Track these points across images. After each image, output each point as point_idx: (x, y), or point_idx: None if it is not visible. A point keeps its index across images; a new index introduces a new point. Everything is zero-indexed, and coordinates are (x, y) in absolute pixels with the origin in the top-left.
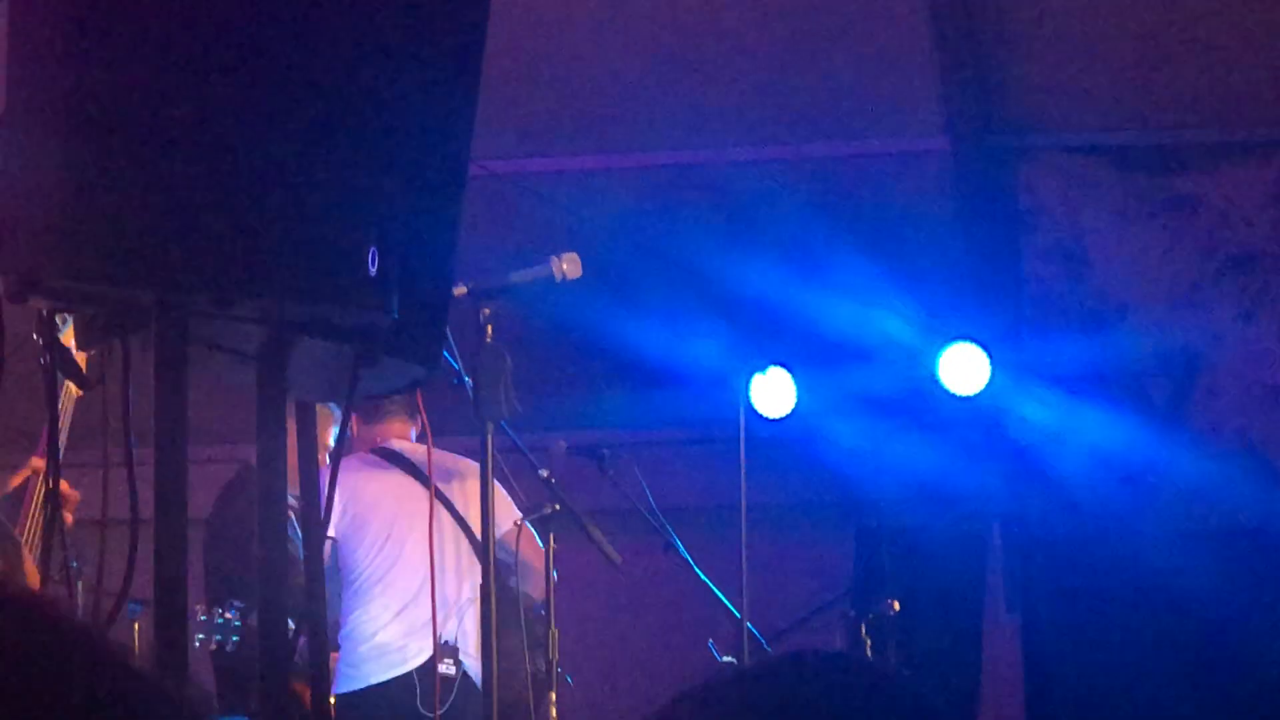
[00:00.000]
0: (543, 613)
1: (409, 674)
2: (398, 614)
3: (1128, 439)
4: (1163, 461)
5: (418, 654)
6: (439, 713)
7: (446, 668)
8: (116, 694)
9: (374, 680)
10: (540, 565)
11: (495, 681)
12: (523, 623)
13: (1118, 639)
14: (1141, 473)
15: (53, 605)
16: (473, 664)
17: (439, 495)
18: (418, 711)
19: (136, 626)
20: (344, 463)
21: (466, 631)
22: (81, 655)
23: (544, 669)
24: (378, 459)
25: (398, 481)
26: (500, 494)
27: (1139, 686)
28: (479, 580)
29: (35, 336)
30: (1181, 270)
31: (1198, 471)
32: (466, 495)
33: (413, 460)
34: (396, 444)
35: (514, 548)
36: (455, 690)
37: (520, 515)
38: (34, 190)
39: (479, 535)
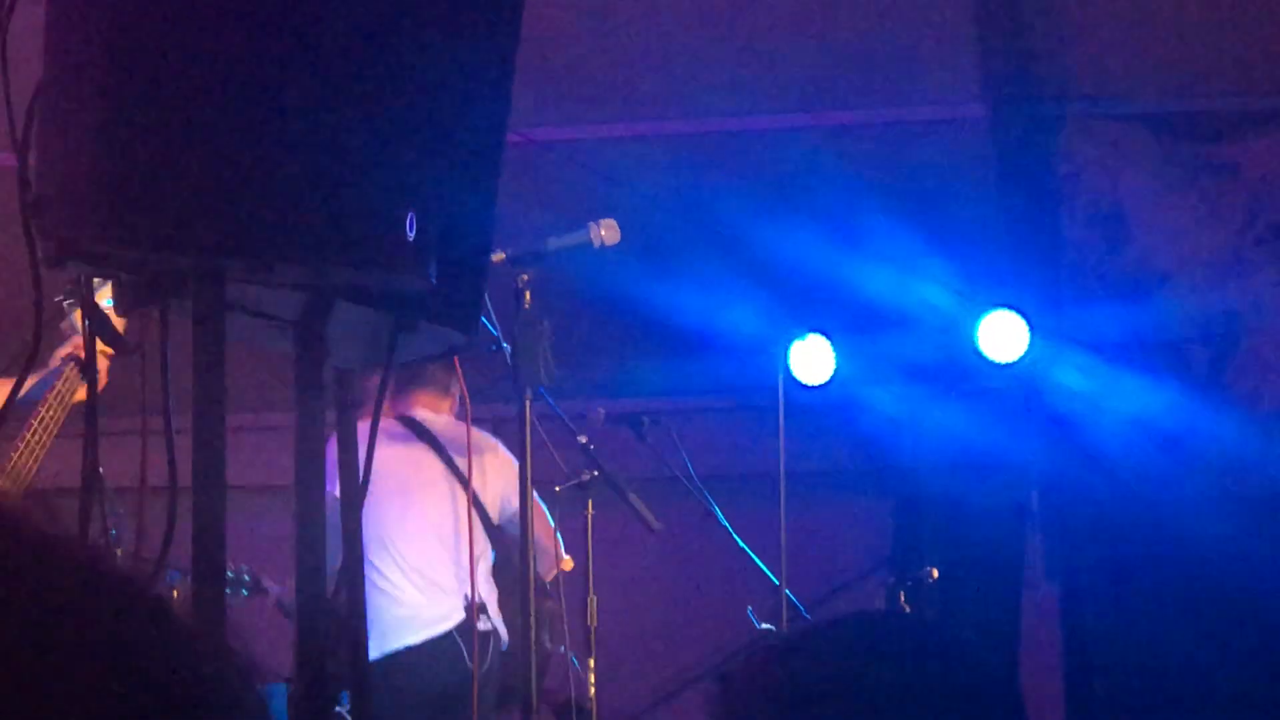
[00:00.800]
0: (548, 588)
1: (448, 634)
2: (411, 578)
3: (1167, 406)
4: (1202, 428)
5: (449, 615)
6: (484, 668)
7: (483, 624)
8: (160, 642)
9: (406, 643)
10: (550, 544)
11: (534, 650)
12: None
13: (1157, 606)
14: (1181, 439)
15: (87, 547)
16: (498, 620)
17: (453, 468)
18: (467, 668)
19: (175, 594)
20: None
21: (484, 595)
22: (121, 601)
23: (551, 643)
24: (397, 425)
25: (411, 450)
26: (514, 470)
27: (1178, 653)
28: (490, 552)
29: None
30: (1221, 237)
31: (1238, 438)
32: (483, 470)
33: (431, 431)
34: (420, 413)
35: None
36: (492, 644)
37: (541, 503)
38: (72, 156)
39: (490, 511)
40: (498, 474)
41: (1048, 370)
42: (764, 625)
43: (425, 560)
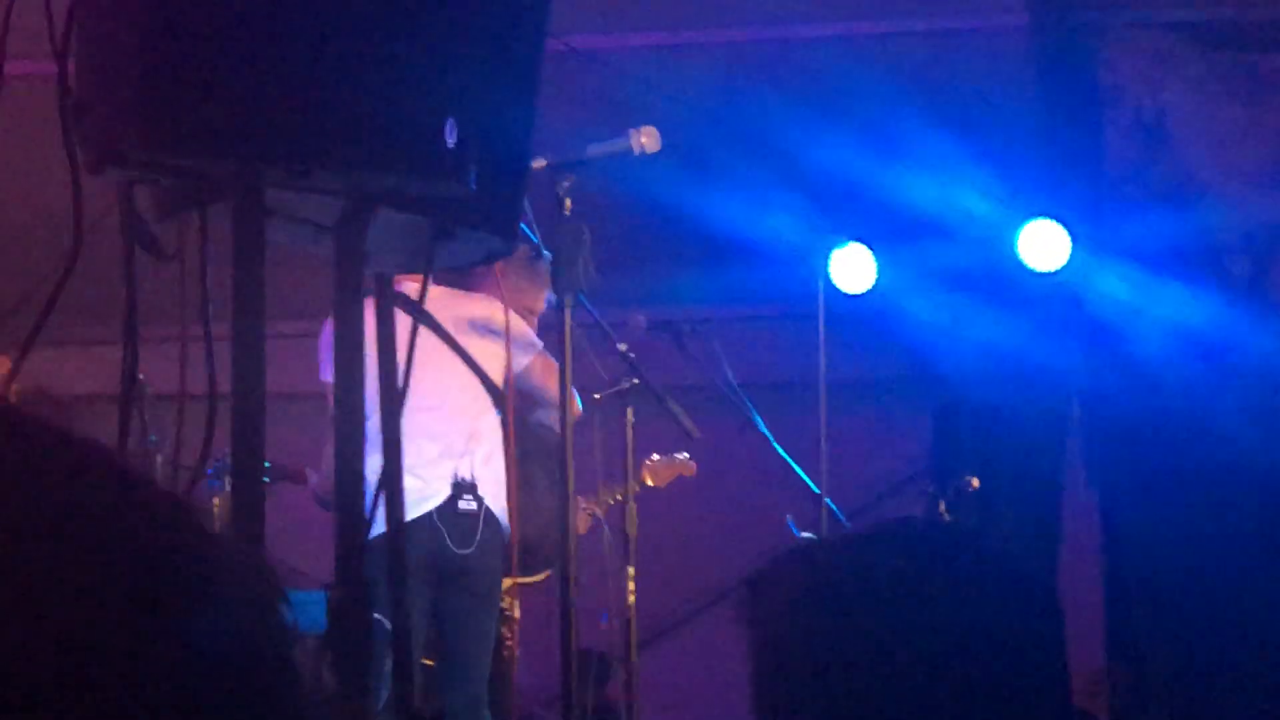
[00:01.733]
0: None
1: (428, 515)
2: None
3: (1208, 316)
4: (1243, 338)
5: (436, 494)
6: (469, 550)
7: (467, 503)
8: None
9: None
10: (554, 394)
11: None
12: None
13: (1197, 515)
14: (1222, 349)
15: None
16: (492, 500)
17: (449, 340)
18: (448, 550)
19: (216, 503)
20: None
21: (480, 469)
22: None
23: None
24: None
25: (404, 325)
26: (520, 328)
27: (1217, 563)
28: (493, 419)
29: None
30: (1263, 148)
31: (1278, 346)
32: (482, 338)
33: (417, 302)
34: (406, 285)
35: (535, 382)
36: (481, 525)
37: (539, 345)
38: (112, 62)
39: (491, 375)
40: (501, 330)
41: (1088, 279)
42: (804, 534)
43: (418, 440)
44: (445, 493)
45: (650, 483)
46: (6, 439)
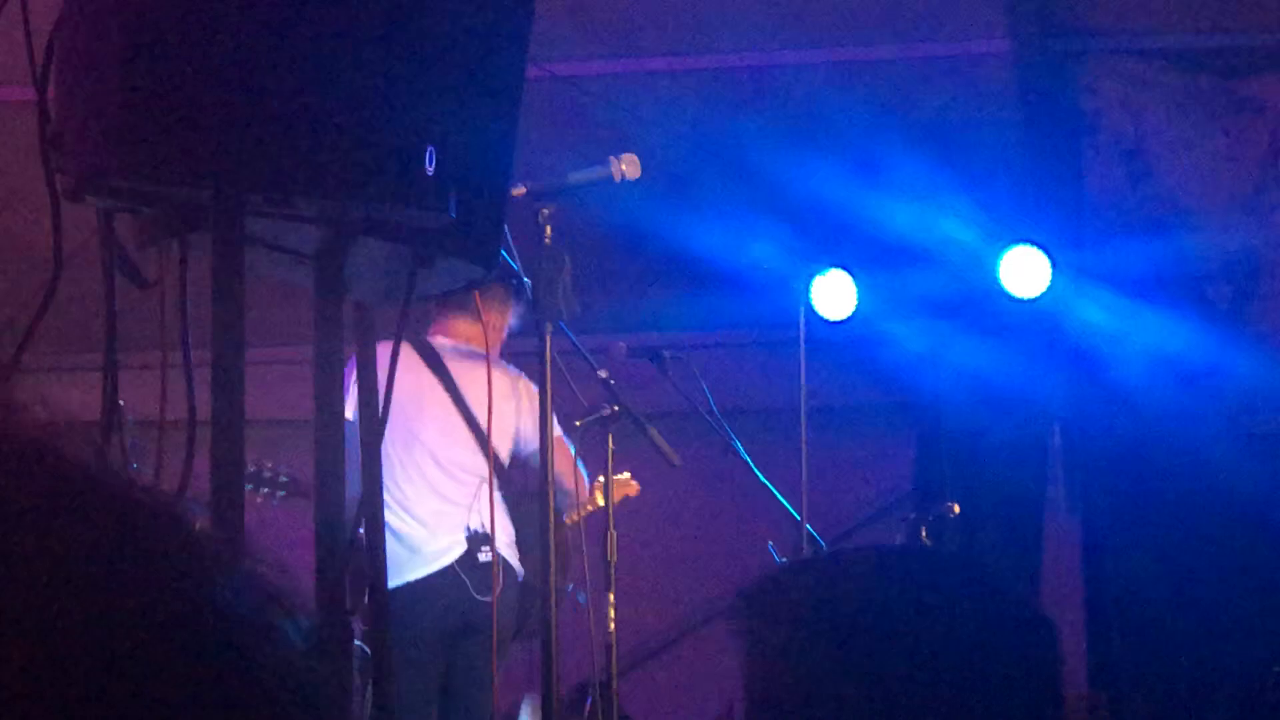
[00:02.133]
0: (565, 522)
1: (449, 568)
2: (413, 512)
3: (1189, 342)
4: (1224, 364)
5: (449, 548)
6: (494, 597)
7: (485, 555)
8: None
9: (408, 579)
10: (570, 483)
11: (553, 591)
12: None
13: (1178, 541)
14: (1202, 375)
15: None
16: (507, 553)
17: (454, 393)
18: (473, 599)
19: (196, 525)
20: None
21: (498, 526)
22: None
23: (564, 583)
24: (410, 351)
25: (419, 379)
26: (533, 406)
27: (1199, 588)
28: (497, 480)
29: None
30: (1243, 174)
31: (1259, 375)
32: (495, 403)
33: (443, 359)
34: (438, 340)
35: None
36: (501, 573)
37: (559, 431)
38: (91, 90)
39: (499, 448)
40: (512, 403)
41: (1069, 306)
42: (784, 560)
43: (427, 493)
44: (462, 545)
45: (600, 503)
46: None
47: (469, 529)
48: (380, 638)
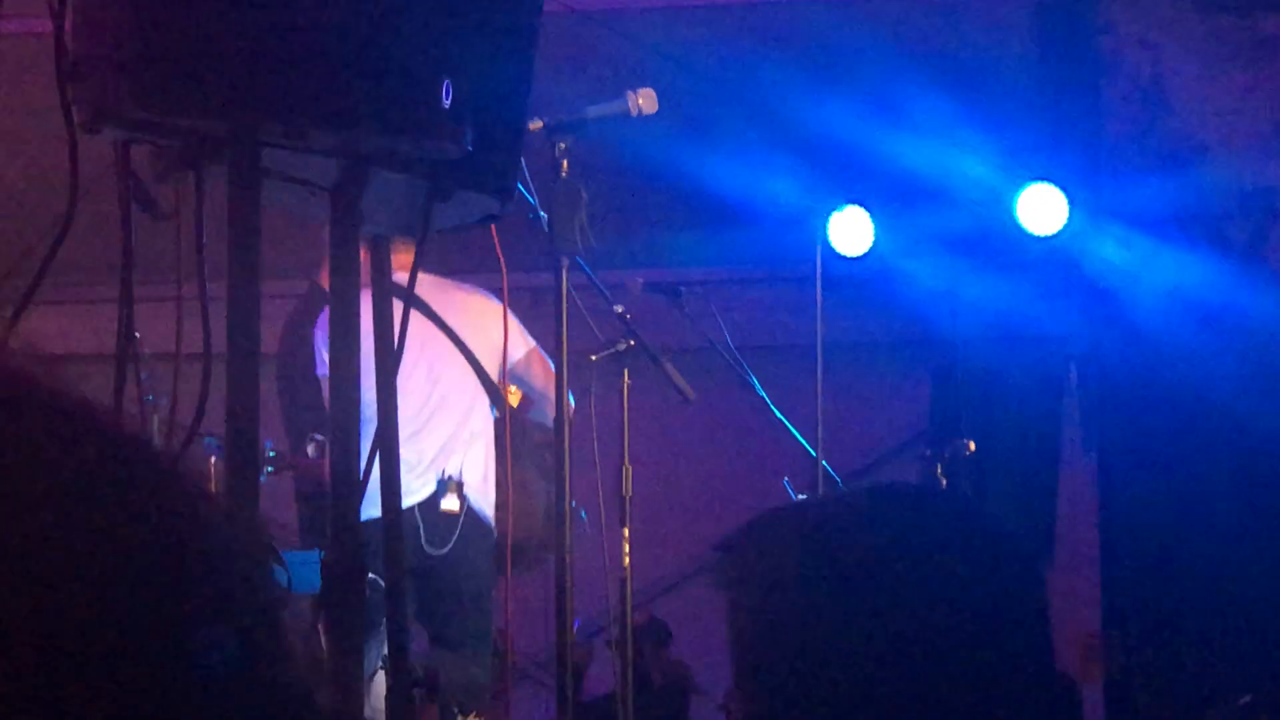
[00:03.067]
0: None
1: (410, 509)
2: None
3: (1206, 280)
4: (1241, 302)
5: (420, 489)
6: (444, 550)
7: (449, 502)
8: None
9: (370, 515)
10: (552, 391)
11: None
12: (534, 452)
13: (1194, 479)
14: (1220, 313)
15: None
16: (477, 498)
17: (444, 327)
18: (421, 549)
19: (212, 461)
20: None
21: (472, 466)
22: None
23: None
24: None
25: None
26: (513, 323)
27: (1214, 526)
28: (485, 414)
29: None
30: (1262, 112)
31: (1275, 312)
32: (475, 328)
33: (422, 295)
34: (400, 275)
35: (529, 378)
36: (460, 525)
37: (534, 343)
38: (108, 22)
39: (487, 367)
40: (488, 325)
41: (1086, 243)
42: (800, 496)
43: (412, 432)
44: (429, 490)
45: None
46: None
47: (443, 472)
48: (394, 570)
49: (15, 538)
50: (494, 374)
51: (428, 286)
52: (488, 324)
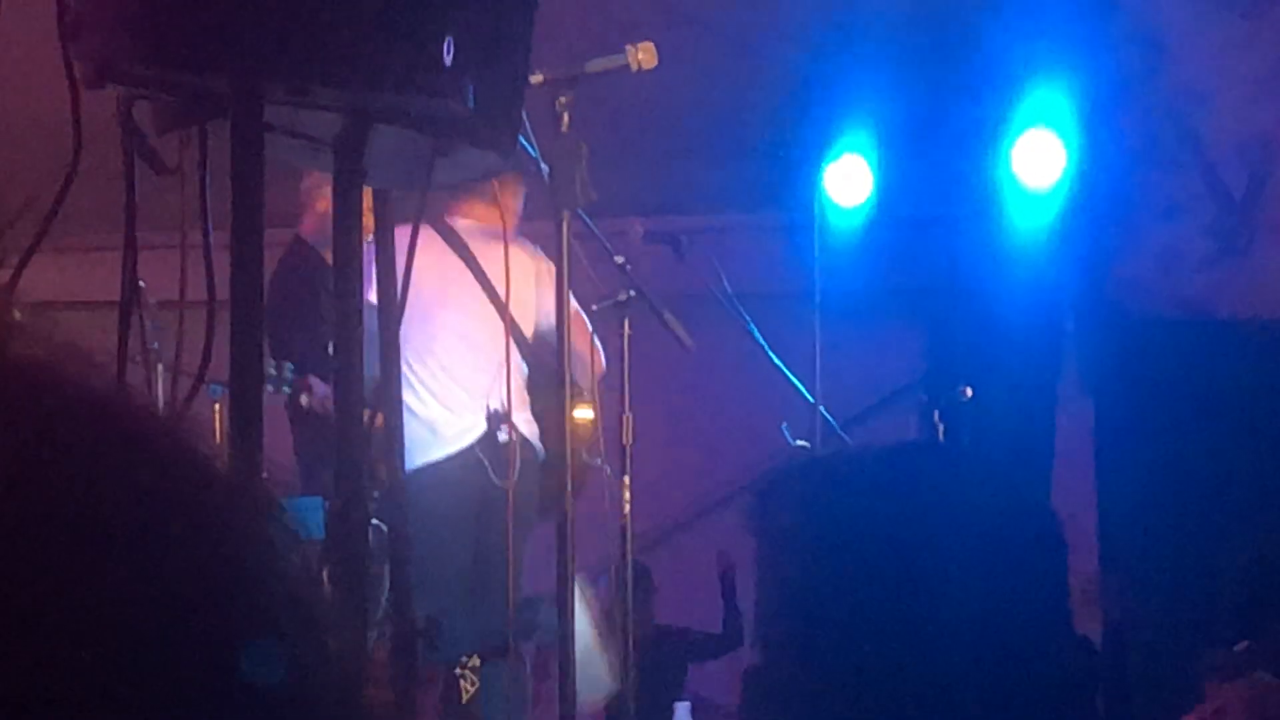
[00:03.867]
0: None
1: (469, 449)
2: (433, 392)
3: (1204, 228)
4: (1239, 249)
5: (471, 429)
6: (511, 480)
7: (504, 435)
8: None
9: (430, 459)
10: (587, 352)
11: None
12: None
13: (1191, 424)
14: (1218, 258)
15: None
16: (526, 428)
17: (477, 273)
18: (491, 483)
19: (217, 408)
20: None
21: (511, 399)
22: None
23: (588, 458)
24: (431, 234)
25: (441, 260)
26: (552, 278)
27: (1210, 471)
28: (518, 361)
29: None
30: (1261, 60)
31: (1274, 261)
32: (517, 281)
33: (465, 240)
34: (460, 222)
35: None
36: (518, 454)
37: (576, 305)
38: None
39: (522, 324)
40: (533, 283)
41: (1084, 189)
42: (798, 442)
43: (447, 375)
44: (482, 426)
45: None
46: None
47: (489, 409)
48: (397, 518)
49: (79, 566)
50: (528, 331)
51: (475, 234)
52: (524, 283)
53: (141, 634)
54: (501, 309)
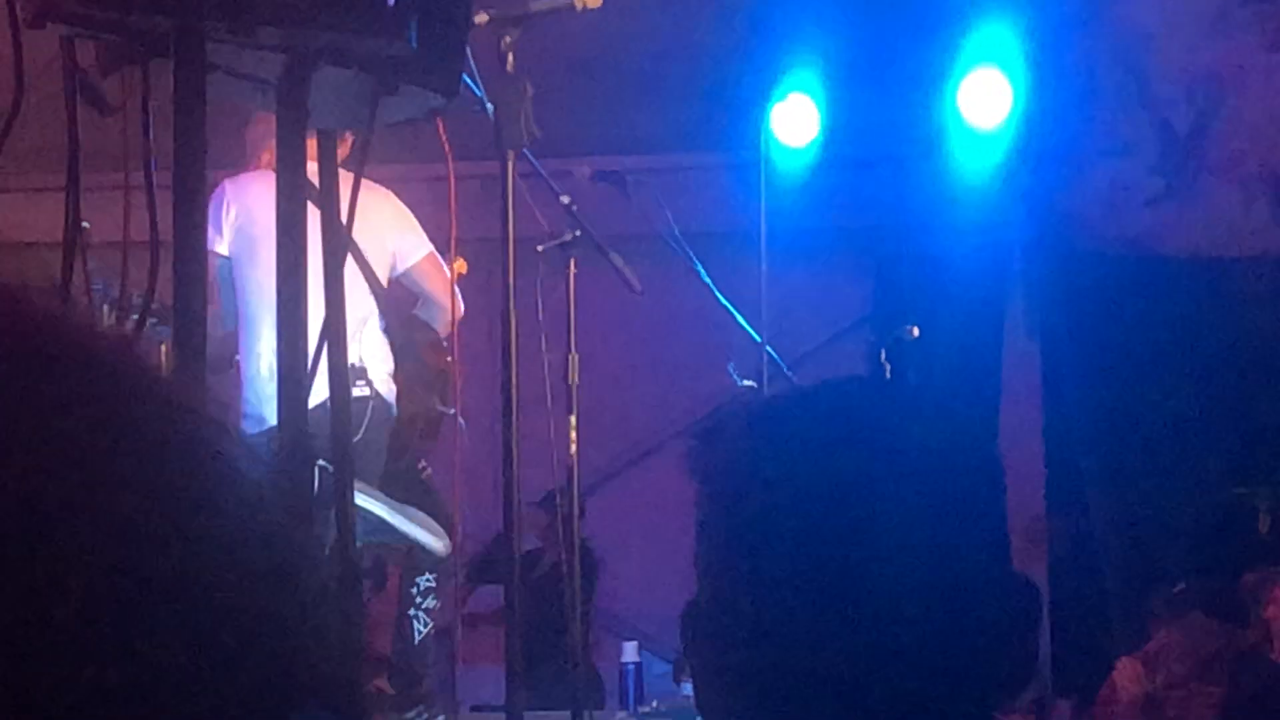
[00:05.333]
0: (444, 343)
1: (321, 404)
2: None
3: (1149, 166)
4: (1184, 187)
5: (323, 385)
6: (357, 437)
7: (360, 389)
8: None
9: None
10: (446, 301)
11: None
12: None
13: (1137, 363)
14: (1163, 196)
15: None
16: (382, 385)
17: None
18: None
19: (164, 348)
20: (243, 179)
21: (368, 354)
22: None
23: (442, 408)
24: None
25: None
26: (412, 223)
27: (1158, 406)
28: (374, 304)
29: None
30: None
31: (1219, 199)
32: (366, 219)
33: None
34: (310, 165)
35: (423, 281)
36: (369, 411)
37: (430, 247)
38: None
39: (369, 259)
40: (384, 226)
41: (1030, 129)
42: (745, 382)
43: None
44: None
45: None
46: None
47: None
48: (341, 454)
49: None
50: (382, 275)
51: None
52: (388, 228)
53: (94, 546)
54: (359, 253)
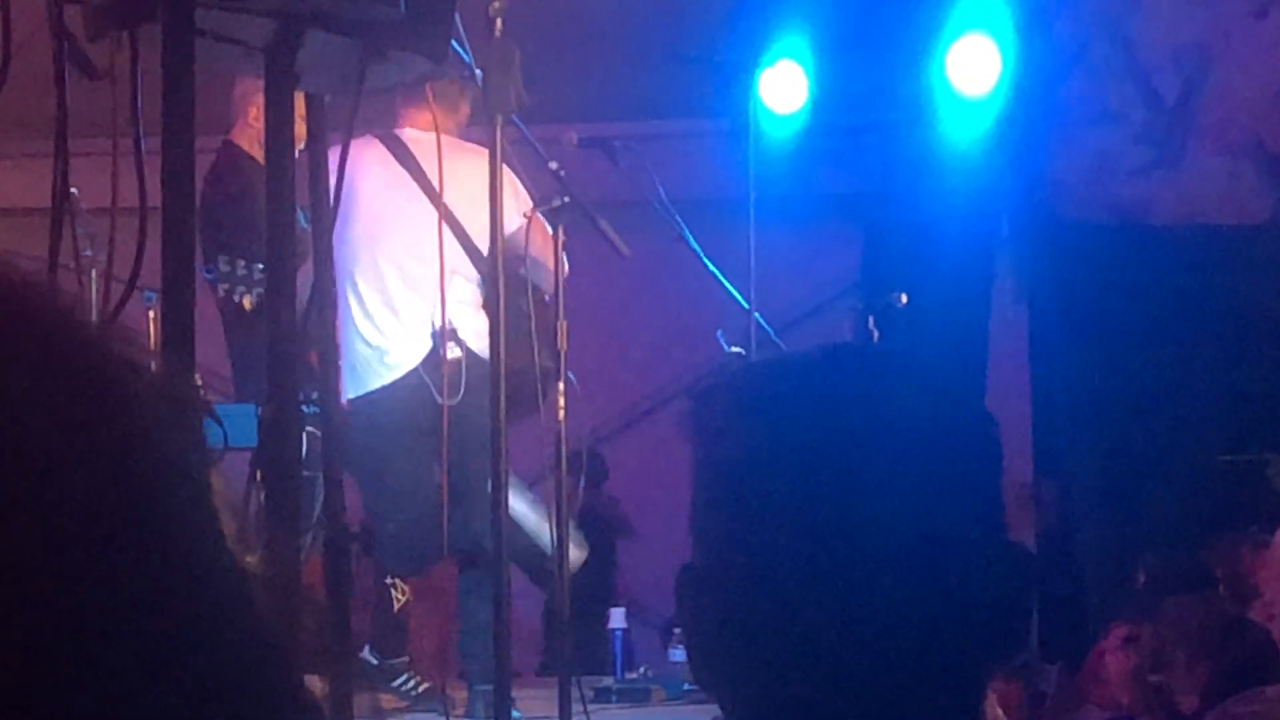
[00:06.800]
0: (548, 301)
1: (414, 371)
2: (378, 312)
3: (1136, 135)
4: (1171, 155)
5: (415, 349)
6: (457, 399)
7: (451, 351)
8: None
9: (380, 384)
10: (550, 261)
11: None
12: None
13: (1124, 330)
14: (1151, 164)
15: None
16: (475, 340)
17: (425, 184)
18: (436, 404)
19: (151, 314)
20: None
21: (456, 312)
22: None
23: (552, 363)
24: (377, 146)
25: (387, 172)
26: (512, 186)
27: (1146, 376)
28: (470, 270)
29: None
30: None
31: (1207, 168)
32: (460, 183)
33: (411, 149)
34: (409, 133)
35: (523, 242)
36: (464, 371)
37: (531, 206)
38: None
39: (467, 226)
40: (480, 188)
41: (1019, 96)
42: (733, 348)
43: (396, 295)
44: (427, 345)
45: None
46: None
47: (434, 326)
48: (331, 431)
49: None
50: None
51: (427, 143)
52: (475, 187)
53: (54, 537)
54: (454, 218)
